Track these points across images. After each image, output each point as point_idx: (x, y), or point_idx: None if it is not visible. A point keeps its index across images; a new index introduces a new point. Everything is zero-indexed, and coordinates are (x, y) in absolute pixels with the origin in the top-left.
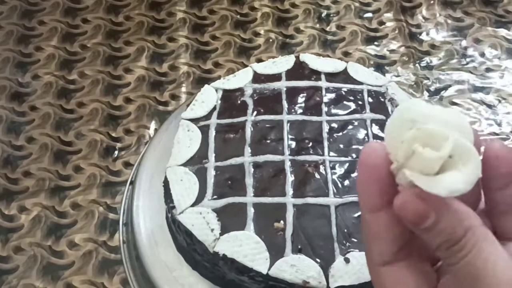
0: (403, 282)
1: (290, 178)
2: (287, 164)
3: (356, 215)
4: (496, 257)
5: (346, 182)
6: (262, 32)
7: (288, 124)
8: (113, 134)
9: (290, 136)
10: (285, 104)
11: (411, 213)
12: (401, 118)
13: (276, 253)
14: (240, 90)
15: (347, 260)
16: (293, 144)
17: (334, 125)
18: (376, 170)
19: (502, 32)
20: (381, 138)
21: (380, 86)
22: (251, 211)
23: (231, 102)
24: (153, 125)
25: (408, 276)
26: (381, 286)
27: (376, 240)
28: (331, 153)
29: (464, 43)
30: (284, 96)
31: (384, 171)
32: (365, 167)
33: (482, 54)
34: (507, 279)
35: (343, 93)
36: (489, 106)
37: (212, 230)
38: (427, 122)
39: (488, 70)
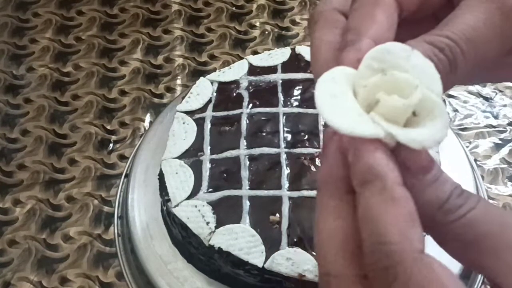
0: None
1: (286, 171)
2: (283, 157)
3: None
4: (503, 212)
5: None
6: (257, 24)
7: (284, 117)
8: (108, 127)
9: (285, 129)
10: (280, 97)
11: (422, 159)
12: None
13: (272, 246)
14: (236, 83)
15: None
16: (289, 136)
17: None
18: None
19: None
20: None
21: None
22: (246, 204)
23: (226, 94)
24: (148, 118)
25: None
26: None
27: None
28: None
29: None
30: (279, 89)
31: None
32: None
33: None
34: None
35: None
36: (486, 98)
37: (208, 223)
38: (392, 68)
39: None
